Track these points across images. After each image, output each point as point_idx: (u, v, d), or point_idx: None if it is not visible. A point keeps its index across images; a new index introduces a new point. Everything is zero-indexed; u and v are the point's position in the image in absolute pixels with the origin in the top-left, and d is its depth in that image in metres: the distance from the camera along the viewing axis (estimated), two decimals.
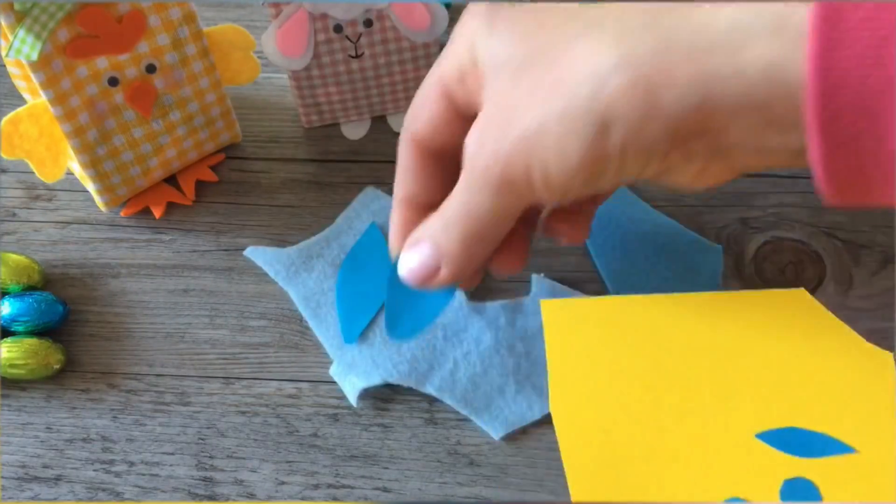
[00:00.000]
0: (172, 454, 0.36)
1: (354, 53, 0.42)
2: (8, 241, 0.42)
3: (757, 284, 0.39)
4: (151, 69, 0.39)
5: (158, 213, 0.42)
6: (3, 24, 0.35)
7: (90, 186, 0.41)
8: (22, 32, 0.34)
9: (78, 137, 0.38)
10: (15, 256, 0.39)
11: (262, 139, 0.45)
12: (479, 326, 0.37)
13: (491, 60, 0.28)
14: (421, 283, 0.31)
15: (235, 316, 0.39)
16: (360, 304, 0.38)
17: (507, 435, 0.35)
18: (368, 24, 0.41)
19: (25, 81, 0.40)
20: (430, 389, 0.36)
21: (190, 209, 0.43)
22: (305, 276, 0.40)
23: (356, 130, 0.45)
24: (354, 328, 0.38)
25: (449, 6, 0.50)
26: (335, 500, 0.35)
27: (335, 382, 0.37)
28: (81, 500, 0.35)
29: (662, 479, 0.31)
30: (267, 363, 0.38)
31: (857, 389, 0.31)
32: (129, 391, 0.38)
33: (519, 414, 0.36)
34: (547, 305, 0.33)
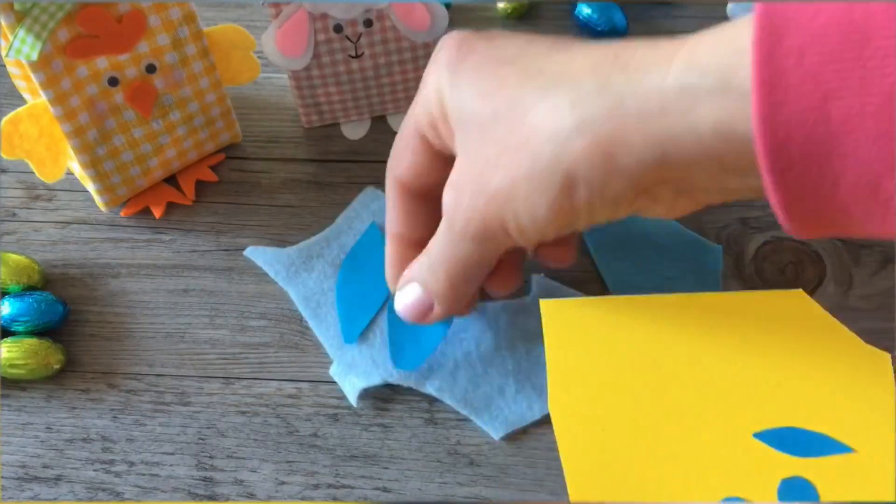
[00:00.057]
0: (172, 454, 0.36)
1: (354, 53, 0.42)
2: (8, 241, 0.42)
3: (757, 284, 0.39)
4: (151, 69, 0.39)
5: (158, 213, 0.42)
6: (3, 24, 0.35)
7: (90, 186, 0.41)
8: (22, 32, 0.34)
9: (78, 137, 0.38)
10: (15, 256, 0.39)
11: (262, 139, 0.45)
12: (479, 327, 0.37)
13: (458, 114, 0.29)
14: (416, 320, 0.34)
15: (235, 316, 0.39)
16: (360, 303, 0.38)
17: (507, 435, 0.35)
18: (368, 24, 0.41)
19: (25, 81, 0.40)
20: (430, 389, 0.36)
21: (190, 209, 0.43)
22: (305, 276, 0.40)
23: (356, 130, 0.45)
24: (354, 328, 0.38)
25: (449, 6, 0.50)
26: (335, 500, 0.35)
27: (335, 382, 0.37)
28: (81, 500, 0.35)
29: (660, 477, 0.31)
30: (267, 363, 0.38)
31: (854, 390, 0.31)
32: (129, 391, 0.38)
33: (519, 414, 0.36)
34: (546, 305, 0.33)
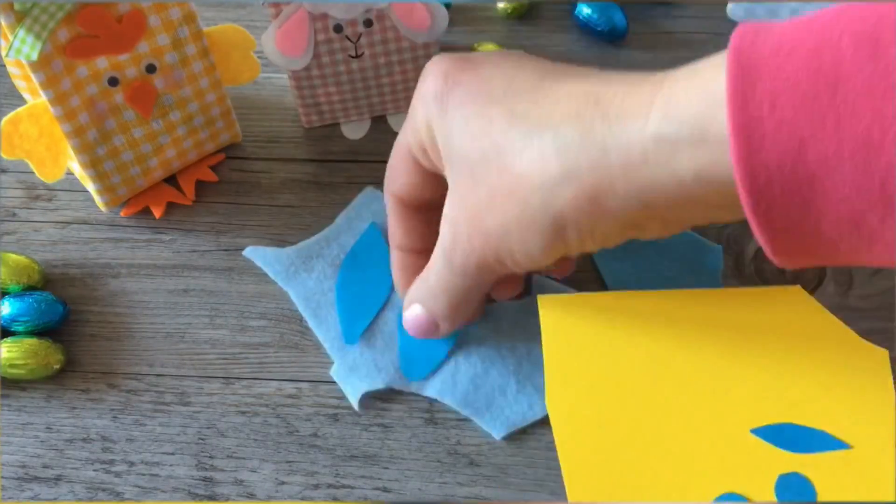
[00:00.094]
0: (172, 454, 0.36)
1: (354, 53, 0.42)
2: (8, 241, 0.42)
3: (757, 284, 0.39)
4: (151, 69, 0.39)
5: (158, 213, 0.42)
6: (3, 24, 0.35)
7: (90, 186, 0.41)
8: (22, 32, 0.34)
9: (78, 137, 0.38)
10: (15, 256, 0.39)
11: (262, 139, 0.45)
12: (480, 326, 0.37)
13: (447, 150, 0.31)
14: (424, 337, 0.35)
15: (235, 316, 0.39)
16: (360, 304, 0.38)
17: (507, 435, 0.35)
18: (368, 24, 0.41)
19: (25, 81, 0.40)
20: (431, 393, 0.36)
21: (190, 209, 0.43)
22: (305, 276, 0.40)
23: (356, 130, 0.45)
24: (355, 328, 0.38)
25: (449, 6, 0.50)
26: (335, 500, 0.35)
27: (335, 382, 0.37)
28: (81, 500, 0.35)
29: (657, 472, 0.31)
30: (267, 363, 0.38)
31: (852, 386, 0.31)
32: (129, 391, 0.38)
33: (520, 414, 0.36)
34: (543, 300, 0.33)
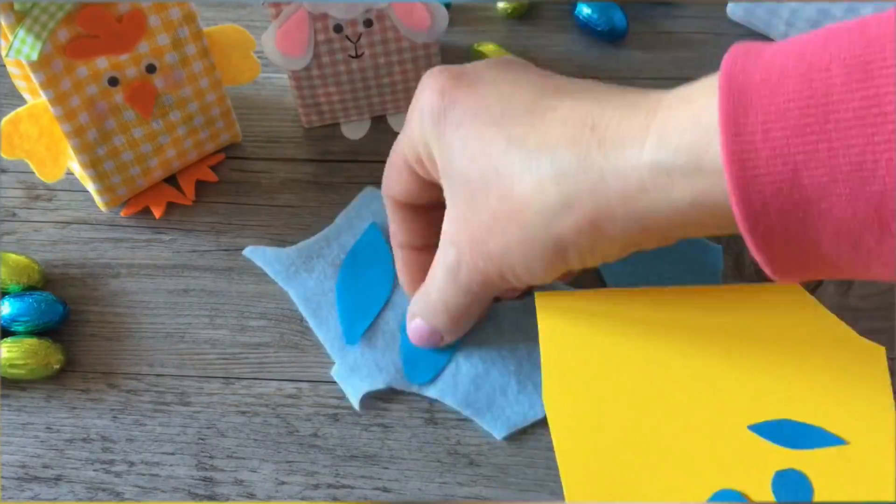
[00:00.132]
0: (172, 454, 0.36)
1: (354, 53, 0.42)
2: (8, 241, 0.42)
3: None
4: (151, 69, 0.39)
5: (158, 213, 0.42)
6: (3, 24, 0.35)
7: (90, 186, 0.41)
8: (22, 32, 0.34)
9: (78, 137, 0.38)
10: (15, 256, 0.39)
11: (262, 139, 0.45)
12: (480, 327, 0.37)
13: (446, 170, 0.31)
14: (429, 347, 0.36)
15: (235, 316, 0.39)
16: (361, 304, 0.38)
17: (507, 435, 0.35)
18: (368, 24, 0.41)
19: (25, 81, 0.40)
20: (432, 393, 0.36)
21: (190, 209, 0.43)
22: (305, 276, 0.39)
23: (356, 130, 0.45)
24: (356, 329, 0.38)
25: (449, 6, 0.50)
26: (335, 500, 0.35)
27: (335, 382, 0.37)
28: (81, 500, 0.35)
29: (654, 468, 0.31)
30: (267, 363, 0.38)
31: (849, 382, 0.31)
32: (129, 391, 0.38)
33: (521, 414, 0.36)
34: (541, 297, 0.33)
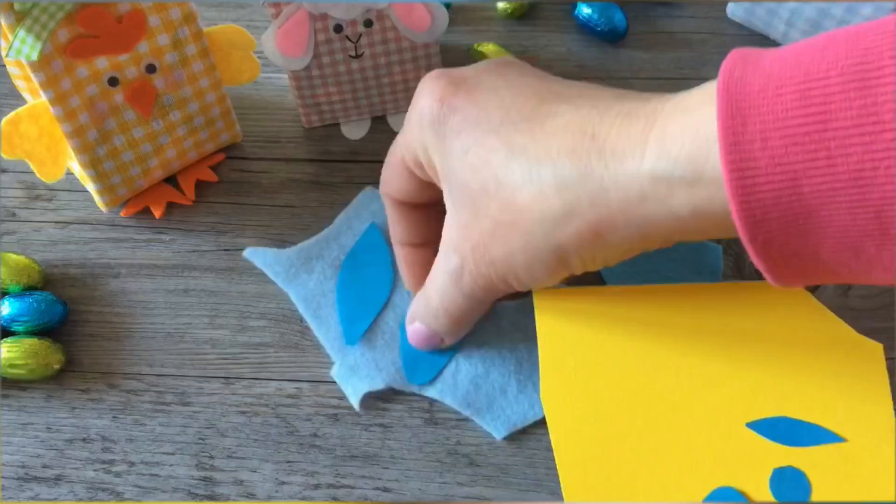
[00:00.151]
0: (172, 454, 0.36)
1: (354, 53, 0.42)
2: (8, 241, 0.42)
3: None
4: (151, 69, 0.39)
5: (158, 213, 0.42)
6: (3, 24, 0.35)
7: (90, 186, 0.41)
8: (22, 32, 0.34)
9: (78, 137, 0.38)
10: (15, 256, 0.39)
11: (262, 139, 0.45)
12: (480, 327, 0.37)
13: (447, 177, 0.31)
14: (429, 350, 0.36)
15: (235, 316, 0.39)
16: (360, 304, 0.38)
17: (507, 435, 0.35)
18: (368, 24, 0.41)
19: (25, 81, 0.40)
20: (432, 393, 0.36)
21: (190, 209, 0.43)
22: (305, 277, 0.39)
23: (356, 130, 0.45)
24: (356, 329, 0.38)
25: (449, 6, 0.50)
26: (335, 500, 0.35)
27: (335, 382, 0.37)
28: (81, 500, 0.35)
29: (652, 466, 0.31)
30: (267, 363, 0.38)
31: (847, 380, 0.31)
32: (129, 391, 0.38)
33: (521, 414, 0.36)
34: (539, 296, 0.33)
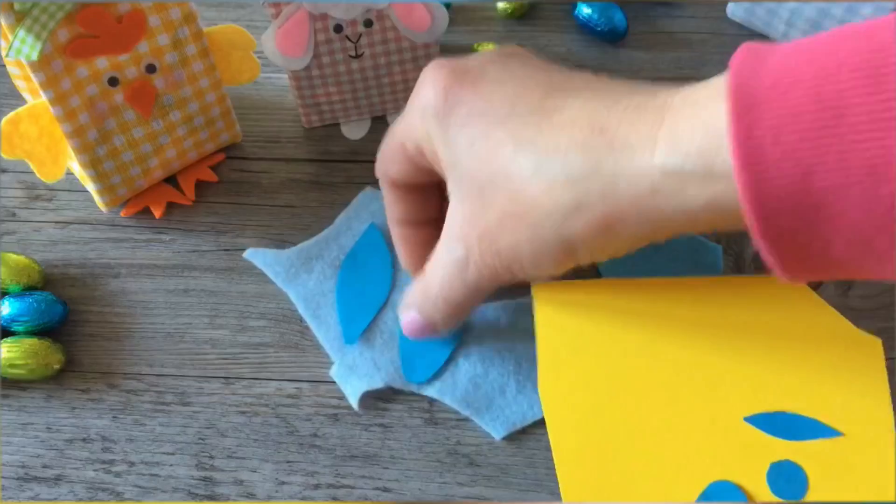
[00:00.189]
0: (172, 454, 0.36)
1: (354, 53, 0.42)
2: (8, 241, 0.42)
3: None
4: (151, 69, 0.39)
5: (158, 213, 0.42)
6: (3, 24, 0.35)
7: (90, 186, 0.41)
8: (22, 32, 0.34)
9: (78, 137, 0.38)
10: (15, 256, 0.39)
11: (262, 139, 0.45)
12: (479, 327, 0.37)
13: (452, 166, 0.31)
14: (423, 339, 0.36)
15: (235, 316, 0.39)
16: (360, 304, 0.38)
17: (506, 435, 0.35)
18: (368, 24, 0.41)
19: (25, 81, 0.40)
20: (431, 392, 0.36)
21: (190, 209, 0.43)
22: (305, 277, 0.40)
23: (356, 130, 0.45)
24: (355, 329, 0.38)
25: (449, 6, 0.50)
26: (335, 500, 0.35)
27: (335, 382, 0.37)
28: (81, 500, 0.35)
29: (650, 460, 0.31)
30: (267, 363, 0.38)
31: (846, 375, 0.32)
32: (129, 391, 0.38)
33: (520, 414, 0.36)
34: (538, 288, 0.33)
